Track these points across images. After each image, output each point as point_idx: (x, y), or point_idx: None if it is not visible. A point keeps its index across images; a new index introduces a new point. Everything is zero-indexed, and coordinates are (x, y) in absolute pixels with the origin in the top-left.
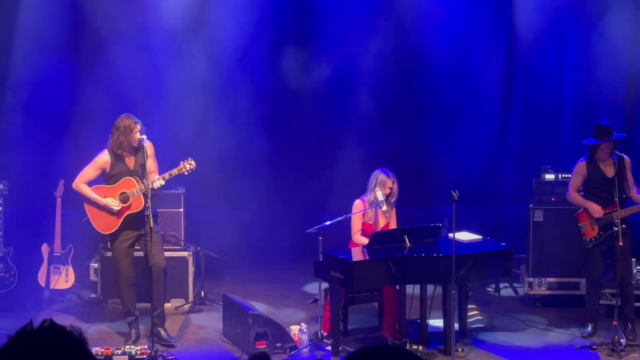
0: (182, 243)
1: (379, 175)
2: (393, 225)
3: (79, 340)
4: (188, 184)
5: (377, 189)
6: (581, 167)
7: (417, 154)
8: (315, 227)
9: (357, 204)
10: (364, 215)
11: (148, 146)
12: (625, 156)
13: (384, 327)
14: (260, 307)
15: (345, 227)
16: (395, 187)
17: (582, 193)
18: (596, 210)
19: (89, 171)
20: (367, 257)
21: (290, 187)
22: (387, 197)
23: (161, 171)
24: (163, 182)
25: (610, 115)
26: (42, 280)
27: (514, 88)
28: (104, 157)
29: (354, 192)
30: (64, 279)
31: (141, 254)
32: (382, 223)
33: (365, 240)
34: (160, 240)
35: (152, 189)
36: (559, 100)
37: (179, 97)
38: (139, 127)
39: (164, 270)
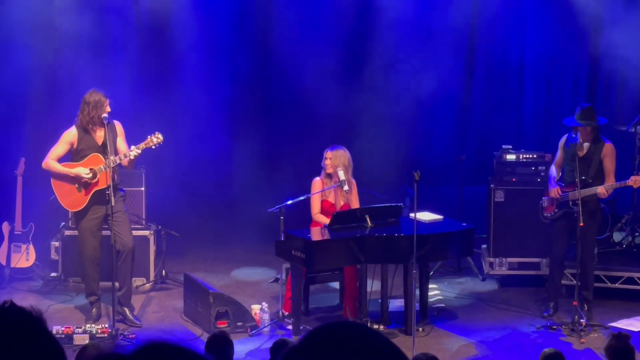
0: (144, 222)
1: (325, 152)
2: (355, 200)
3: (39, 320)
4: (150, 163)
5: (339, 168)
6: (561, 142)
7: (378, 134)
8: (277, 207)
9: (316, 183)
10: (322, 193)
11: (118, 126)
12: (607, 142)
13: (344, 307)
14: (221, 286)
15: (307, 206)
16: (336, 158)
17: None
18: (553, 191)
19: (58, 148)
20: (329, 237)
21: (252, 165)
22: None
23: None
24: (139, 151)
25: (572, 95)
26: (2, 259)
27: (475, 69)
28: (71, 132)
29: (316, 171)
30: (25, 258)
31: (108, 232)
32: (341, 201)
33: (326, 220)
34: (128, 220)
35: (130, 159)
36: (520, 81)
37: (140, 76)
38: (109, 101)
39: (132, 251)
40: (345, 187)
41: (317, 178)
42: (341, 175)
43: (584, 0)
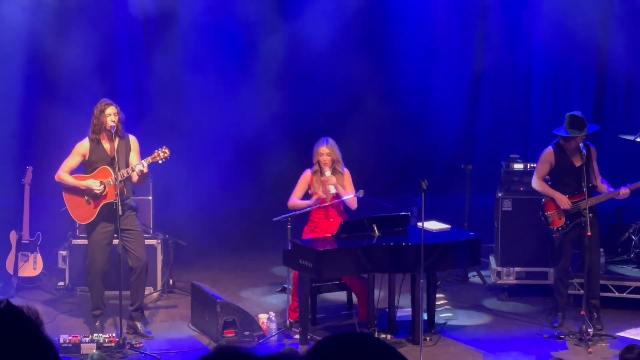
0: (151, 231)
1: (319, 148)
2: (349, 187)
3: (34, 321)
4: (157, 172)
5: (330, 184)
6: (549, 154)
7: (386, 144)
8: (284, 215)
9: (306, 175)
10: (310, 186)
11: (133, 140)
12: (591, 145)
13: (359, 313)
14: (229, 296)
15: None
16: (334, 151)
17: (549, 182)
18: (564, 201)
19: (70, 160)
20: (336, 246)
21: (259, 174)
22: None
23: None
24: (145, 165)
25: (579, 104)
26: (10, 268)
27: (483, 78)
28: (83, 144)
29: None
30: (32, 267)
31: (115, 242)
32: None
33: (301, 203)
34: (142, 236)
35: (138, 173)
36: (528, 90)
37: (146, 83)
38: (113, 109)
39: (145, 266)
40: (333, 191)
41: (308, 171)
42: (332, 190)
43: (590, 10)
